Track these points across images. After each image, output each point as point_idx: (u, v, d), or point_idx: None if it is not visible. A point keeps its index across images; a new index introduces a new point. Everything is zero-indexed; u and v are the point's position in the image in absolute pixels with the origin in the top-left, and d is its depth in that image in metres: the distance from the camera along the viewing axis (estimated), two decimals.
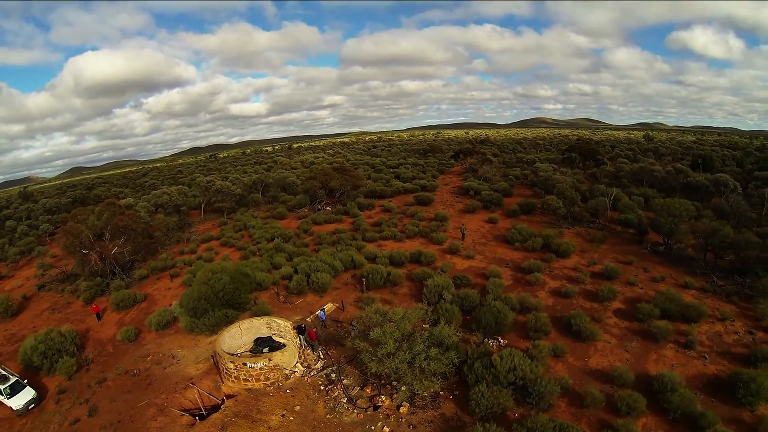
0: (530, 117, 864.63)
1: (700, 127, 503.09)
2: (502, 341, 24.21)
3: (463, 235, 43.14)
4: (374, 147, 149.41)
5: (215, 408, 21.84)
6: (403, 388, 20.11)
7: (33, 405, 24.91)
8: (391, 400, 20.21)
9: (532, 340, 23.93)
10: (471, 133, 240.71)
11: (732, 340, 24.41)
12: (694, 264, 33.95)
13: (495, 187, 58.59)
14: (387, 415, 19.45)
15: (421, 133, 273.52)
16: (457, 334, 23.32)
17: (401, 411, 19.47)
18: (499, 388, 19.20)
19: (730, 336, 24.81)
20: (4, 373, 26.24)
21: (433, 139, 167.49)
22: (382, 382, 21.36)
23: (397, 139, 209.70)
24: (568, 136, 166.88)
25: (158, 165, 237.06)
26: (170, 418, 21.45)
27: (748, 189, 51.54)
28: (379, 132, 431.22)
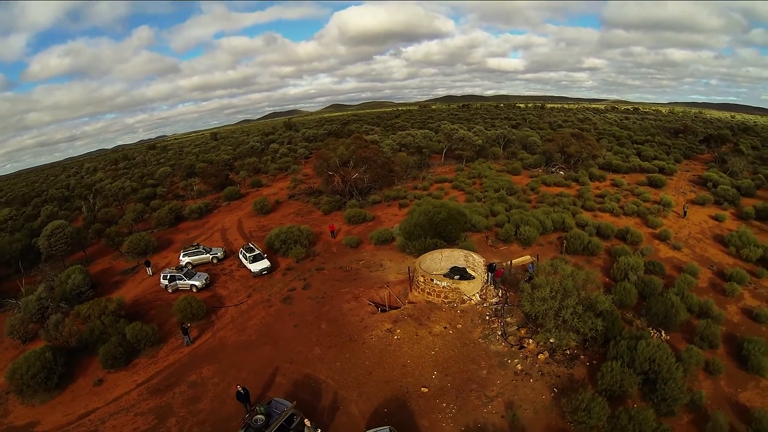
0: None
1: None
2: (664, 335, 23.23)
3: (684, 212, 41.93)
4: (626, 119, 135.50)
5: (396, 308, 27.49)
6: (552, 340, 21.49)
7: (266, 272, 34.17)
8: (536, 346, 22.50)
9: (694, 345, 22.11)
10: (737, 117, 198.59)
11: None
12: None
13: (737, 183, 49.69)
14: (526, 356, 22.08)
15: (681, 110, 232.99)
16: (626, 314, 24.37)
17: (539, 357, 21.86)
18: (630, 372, 18.90)
19: None
20: (252, 246, 36.40)
21: (692, 119, 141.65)
22: (537, 329, 22.91)
23: (653, 112, 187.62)
24: None
25: (411, 108, 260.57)
26: (360, 304, 28.22)
27: None
28: (639, 102, 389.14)
